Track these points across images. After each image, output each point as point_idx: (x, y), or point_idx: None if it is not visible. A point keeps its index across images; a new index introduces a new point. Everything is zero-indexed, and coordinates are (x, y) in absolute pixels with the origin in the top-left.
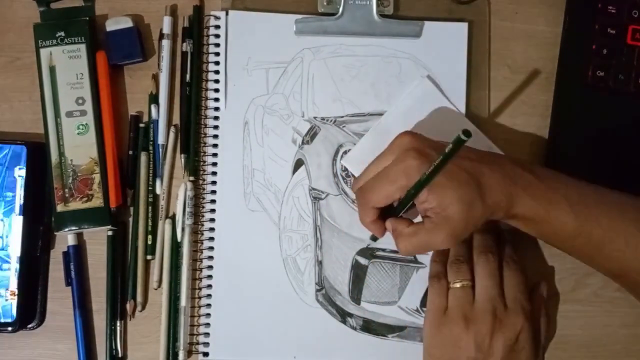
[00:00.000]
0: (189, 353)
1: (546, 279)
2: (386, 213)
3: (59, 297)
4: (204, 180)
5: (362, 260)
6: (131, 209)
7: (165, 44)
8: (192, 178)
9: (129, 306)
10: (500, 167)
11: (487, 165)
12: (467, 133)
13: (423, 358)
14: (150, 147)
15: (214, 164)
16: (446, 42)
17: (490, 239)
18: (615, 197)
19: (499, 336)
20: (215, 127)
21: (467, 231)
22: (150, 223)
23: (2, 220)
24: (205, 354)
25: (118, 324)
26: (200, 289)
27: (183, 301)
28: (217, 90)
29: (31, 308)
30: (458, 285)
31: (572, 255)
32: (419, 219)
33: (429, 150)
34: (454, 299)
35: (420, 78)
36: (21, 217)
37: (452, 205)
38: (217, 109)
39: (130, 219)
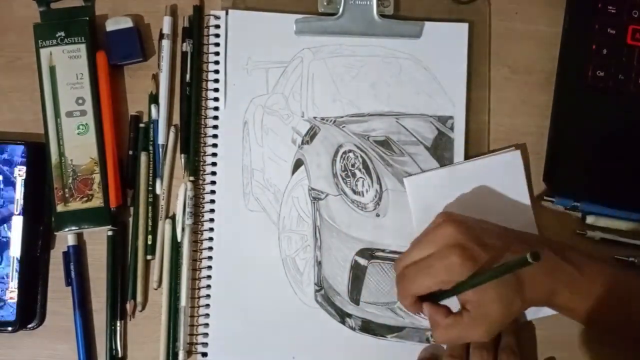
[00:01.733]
0: (189, 353)
1: None
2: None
3: (59, 297)
4: (203, 180)
5: (362, 261)
6: (131, 209)
7: (165, 44)
8: (192, 178)
9: (129, 306)
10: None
11: None
12: (535, 256)
13: None
14: (150, 147)
15: (214, 164)
16: (446, 42)
17: None
18: None
19: None
20: (215, 127)
21: (503, 327)
22: (150, 223)
23: (2, 220)
24: (204, 354)
25: (118, 324)
26: (199, 289)
27: (183, 301)
28: (216, 90)
29: (31, 308)
30: None
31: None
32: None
33: (472, 246)
34: None
35: (513, 149)
36: (21, 217)
37: (492, 303)
38: (216, 108)
39: (130, 219)
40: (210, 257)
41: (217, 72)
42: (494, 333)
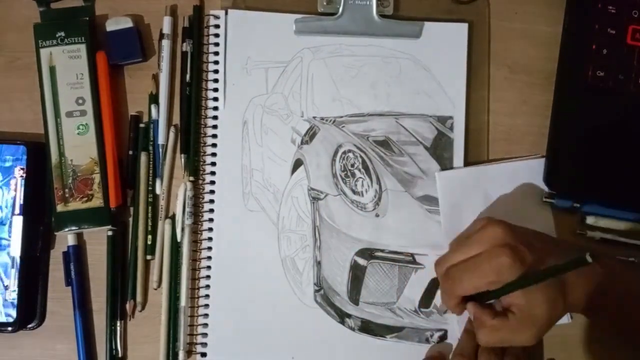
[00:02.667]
0: (189, 353)
1: None
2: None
3: (59, 297)
4: (203, 180)
5: (361, 261)
6: (131, 209)
7: (165, 44)
8: (191, 178)
9: (128, 306)
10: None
11: None
12: (594, 257)
13: None
14: (150, 147)
15: (213, 164)
16: (446, 42)
17: None
18: None
19: None
20: (215, 127)
21: (548, 329)
22: (150, 223)
23: (2, 220)
24: (203, 354)
25: (118, 324)
26: (199, 289)
27: (183, 301)
28: (216, 90)
29: (31, 308)
30: None
31: None
32: None
33: (522, 248)
34: None
35: (540, 156)
36: (21, 217)
37: (540, 305)
38: (216, 108)
39: (130, 219)
40: (209, 257)
41: (216, 72)
42: (540, 337)
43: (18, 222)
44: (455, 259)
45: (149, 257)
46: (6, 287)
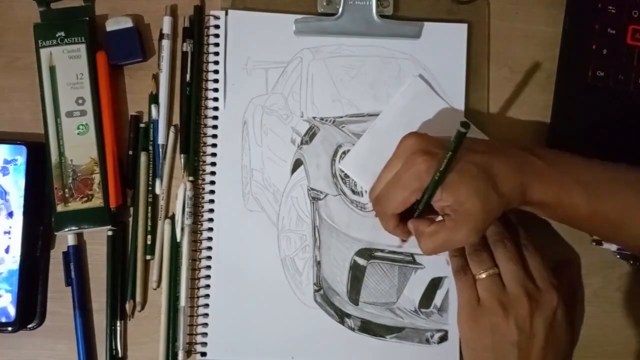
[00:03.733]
0: (188, 353)
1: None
2: (408, 215)
3: (59, 297)
4: (202, 180)
5: (361, 261)
6: (131, 209)
7: (165, 44)
8: (191, 178)
9: (128, 306)
10: (508, 157)
11: (495, 156)
12: (465, 125)
13: (464, 354)
14: (150, 147)
15: (213, 164)
16: (446, 42)
17: (501, 226)
18: (626, 174)
19: (538, 315)
20: (215, 127)
21: (487, 224)
22: (149, 223)
23: (2, 220)
24: (203, 354)
25: (118, 324)
26: (198, 289)
27: (182, 301)
28: (216, 90)
29: (31, 308)
30: (484, 275)
31: (594, 234)
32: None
33: (435, 150)
34: (484, 289)
35: (412, 77)
36: (21, 217)
37: (468, 200)
38: (216, 108)
39: (130, 219)
40: (209, 257)
41: (216, 72)
42: (480, 231)
43: (18, 222)
44: (382, 182)
45: (148, 257)
46: (6, 287)
